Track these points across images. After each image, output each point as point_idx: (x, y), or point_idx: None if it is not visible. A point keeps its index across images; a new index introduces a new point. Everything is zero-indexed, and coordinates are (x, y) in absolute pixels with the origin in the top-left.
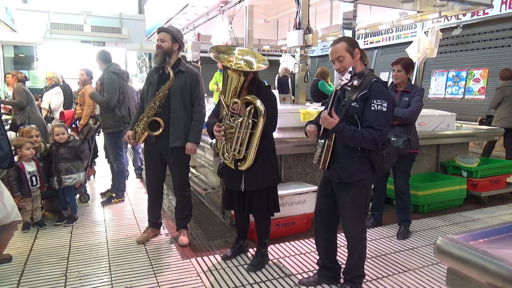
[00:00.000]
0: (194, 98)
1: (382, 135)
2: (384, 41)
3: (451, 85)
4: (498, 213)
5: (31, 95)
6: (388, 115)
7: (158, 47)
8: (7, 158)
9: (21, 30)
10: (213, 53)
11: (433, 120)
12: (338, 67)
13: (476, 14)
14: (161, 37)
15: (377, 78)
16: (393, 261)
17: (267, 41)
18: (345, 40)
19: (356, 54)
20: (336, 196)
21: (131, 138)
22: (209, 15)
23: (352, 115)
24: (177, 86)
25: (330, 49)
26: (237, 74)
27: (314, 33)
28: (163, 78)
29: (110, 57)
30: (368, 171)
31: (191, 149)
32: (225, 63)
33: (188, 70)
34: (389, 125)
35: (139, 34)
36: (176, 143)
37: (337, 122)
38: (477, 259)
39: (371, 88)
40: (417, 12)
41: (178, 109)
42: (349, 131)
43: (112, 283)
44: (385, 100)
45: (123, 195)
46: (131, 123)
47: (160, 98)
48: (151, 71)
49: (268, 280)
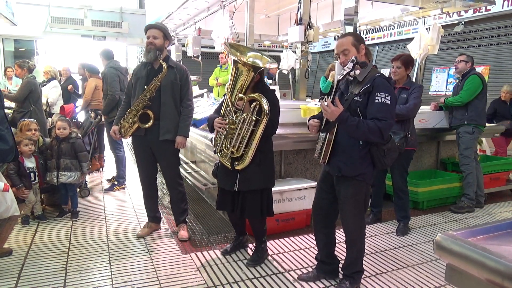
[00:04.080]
0: (184, 93)
1: (387, 125)
2: (385, 37)
3: (452, 82)
4: (498, 210)
5: (39, 93)
6: (392, 107)
7: (150, 43)
8: (11, 152)
9: (21, 24)
10: (227, 47)
11: (433, 117)
12: (342, 60)
13: (478, 11)
14: (154, 34)
15: (380, 73)
16: (392, 257)
17: (268, 37)
18: (351, 35)
19: (362, 49)
20: (336, 190)
21: (117, 133)
22: (210, 10)
23: (355, 109)
24: (168, 81)
25: (336, 43)
26: (246, 69)
27: (315, 29)
28: (152, 73)
29: (112, 54)
30: (369, 166)
31: (181, 142)
32: (237, 57)
33: (177, 66)
34: (393, 118)
35: (139, 29)
36: (166, 136)
37: (341, 110)
38: (476, 255)
39: (374, 82)
40: (419, 8)
41: (169, 103)
42: (354, 120)
43: (112, 277)
44: (388, 93)
45: (124, 182)
46: (117, 118)
47: (152, 90)
48: (139, 67)
49: (268, 275)
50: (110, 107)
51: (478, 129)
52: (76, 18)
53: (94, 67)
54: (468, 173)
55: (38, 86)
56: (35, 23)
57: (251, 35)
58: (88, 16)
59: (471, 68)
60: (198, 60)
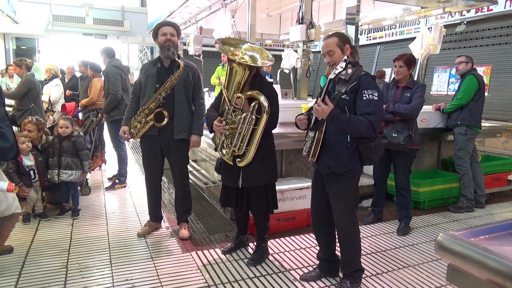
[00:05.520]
0: (196, 92)
1: (377, 119)
2: (387, 37)
3: (453, 82)
4: (499, 211)
5: (38, 91)
6: (380, 102)
7: (168, 40)
8: (12, 149)
9: (23, 22)
10: (219, 45)
11: (435, 117)
12: (328, 61)
13: (480, 11)
14: (171, 31)
15: (366, 72)
16: (393, 257)
17: (269, 36)
18: (337, 36)
19: (347, 49)
20: (326, 188)
21: (128, 133)
22: (211, 9)
23: (343, 107)
24: (181, 79)
25: (322, 43)
26: (242, 68)
27: (317, 28)
28: (163, 71)
29: (113, 52)
30: (358, 162)
31: (196, 141)
32: (230, 56)
33: (188, 64)
34: (382, 112)
35: (141, 27)
36: (181, 135)
37: (332, 108)
38: (478, 255)
39: (360, 80)
40: (421, 8)
41: (182, 101)
42: (346, 117)
43: (113, 276)
44: (375, 90)
45: (125, 181)
46: (125, 119)
47: (167, 89)
48: (147, 65)
49: (268, 274)
50: (111, 106)
51: (472, 130)
52: (78, 17)
53: (98, 65)
54: (463, 174)
55: (38, 84)
56: (37, 21)
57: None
58: (89, 14)
59: (471, 68)
60: (200, 59)
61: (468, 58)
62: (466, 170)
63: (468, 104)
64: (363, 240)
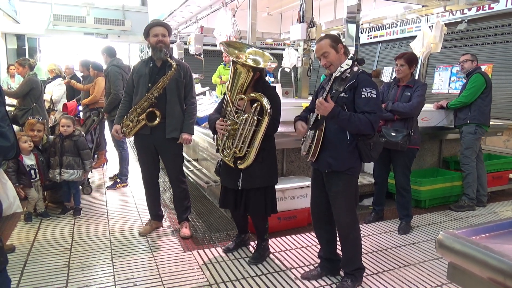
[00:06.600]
0: (188, 91)
1: (376, 117)
2: (388, 35)
3: (455, 80)
4: (500, 209)
5: (40, 90)
6: (378, 100)
7: (160, 41)
8: (13, 149)
9: (24, 21)
10: (224, 47)
11: (436, 115)
12: (324, 63)
13: (481, 9)
14: (163, 32)
15: (362, 70)
16: (394, 255)
17: (270, 35)
18: (328, 37)
19: (340, 49)
20: (326, 187)
21: (120, 132)
22: (212, 8)
23: (342, 105)
24: (173, 79)
25: (315, 47)
26: (245, 70)
27: (318, 27)
28: (155, 71)
29: (115, 51)
30: (357, 160)
31: (187, 138)
32: (235, 58)
33: (180, 63)
34: (380, 110)
35: (142, 27)
36: (173, 134)
37: (333, 105)
38: (479, 254)
39: (358, 78)
40: (422, 6)
41: (174, 101)
42: (346, 114)
43: (114, 274)
44: (373, 88)
45: (126, 180)
46: (118, 117)
47: (159, 88)
48: (140, 64)
49: (269, 273)
50: (112, 106)
51: (481, 129)
52: (79, 16)
53: (100, 65)
54: (468, 173)
55: (40, 84)
56: (38, 21)
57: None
58: (90, 14)
59: (477, 67)
60: (200, 58)
61: (473, 56)
62: (472, 169)
63: (476, 103)
64: (364, 239)
